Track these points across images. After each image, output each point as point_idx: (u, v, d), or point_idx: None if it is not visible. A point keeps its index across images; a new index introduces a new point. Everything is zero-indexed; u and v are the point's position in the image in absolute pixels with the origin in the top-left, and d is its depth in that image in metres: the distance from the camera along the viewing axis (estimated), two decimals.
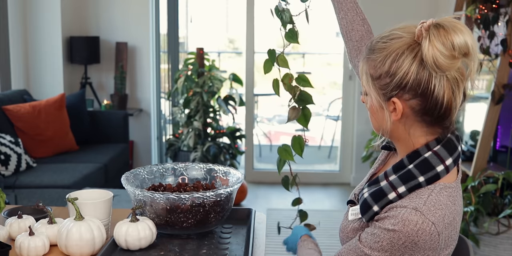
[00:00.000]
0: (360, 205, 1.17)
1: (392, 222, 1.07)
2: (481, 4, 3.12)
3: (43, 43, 4.47)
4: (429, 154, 1.13)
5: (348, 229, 1.23)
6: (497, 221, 2.84)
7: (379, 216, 1.12)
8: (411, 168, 1.13)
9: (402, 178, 1.12)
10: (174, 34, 4.89)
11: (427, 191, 1.11)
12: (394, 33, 1.11)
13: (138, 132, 4.85)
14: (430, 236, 1.06)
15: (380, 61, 1.11)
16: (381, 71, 1.11)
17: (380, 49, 1.11)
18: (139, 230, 1.29)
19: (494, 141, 3.19)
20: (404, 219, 1.06)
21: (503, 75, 3.02)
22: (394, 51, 1.09)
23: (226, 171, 1.54)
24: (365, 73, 1.14)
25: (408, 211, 1.07)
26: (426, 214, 1.06)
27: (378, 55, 1.11)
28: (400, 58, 1.08)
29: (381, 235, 1.09)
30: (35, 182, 3.39)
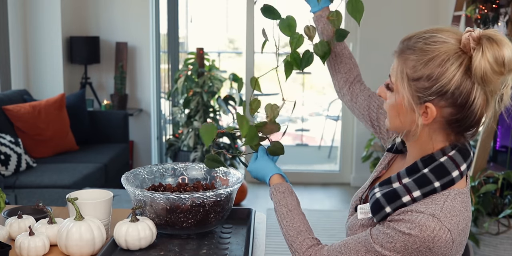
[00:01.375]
0: (372, 204, 1.16)
1: (409, 226, 1.07)
2: (481, 4, 3.12)
3: (43, 43, 4.47)
4: (444, 159, 1.12)
5: (357, 227, 1.22)
6: (497, 221, 2.84)
7: (392, 217, 1.11)
8: (426, 173, 1.12)
9: (417, 182, 1.11)
10: (174, 34, 4.89)
11: (442, 197, 1.10)
12: (438, 36, 1.07)
13: (138, 132, 4.85)
14: (446, 243, 1.06)
15: (422, 63, 1.06)
16: (421, 73, 1.06)
17: (423, 51, 1.07)
18: (139, 230, 1.29)
19: (494, 141, 3.19)
20: (422, 224, 1.05)
21: None
22: (439, 56, 1.05)
23: (226, 171, 1.54)
24: (400, 72, 1.10)
25: (425, 217, 1.06)
26: (443, 221, 1.06)
27: (420, 56, 1.07)
28: (445, 64, 1.05)
29: (395, 236, 1.08)
30: (35, 182, 3.39)
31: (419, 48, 1.07)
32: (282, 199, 1.32)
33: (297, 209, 1.31)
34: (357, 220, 1.23)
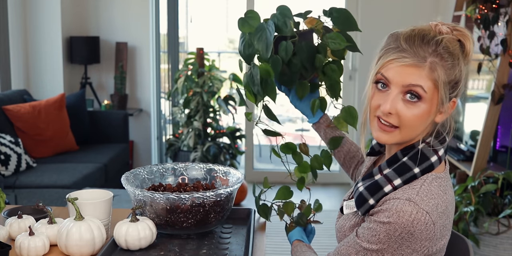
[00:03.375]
0: (356, 198, 1.18)
1: (387, 215, 1.08)
2: (481, 4, 3.12)
3: (43, 43, 4.46)
4: (423, 145, 1.15)
5: (345, 228, 1.24)
6: (497, 221, 2.84)
7: (373, 210, 1.13)
8: (405, 161, 1.15)
9: (397, 171, 1.14)
10: (174, 34, 4.89)
11: (419, 181, 1.13)
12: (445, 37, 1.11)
13: (138, 132, 4.85)
14: (426, 225, 1.07)
15: (452, 67, 1.10)
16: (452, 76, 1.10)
17: (450, 54, 1.10)
18: (139, 230, 1.29)
19: (494, 141, 3.19)
20: (398, 210, 1.07)
21: (503, 75, 3.02)
22: (457, 55, 1.11)
23: (226, 171, 1.54)
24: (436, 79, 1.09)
25: (401, 202, 1.08)
26: (419, 204, 1.08)
27: (450, 62, 1.10)
28: (462, 62, 1.12)
29: (377, 228, 1.09)
30: (35, 182, 3.39)
31: (448, 53, 1.10)
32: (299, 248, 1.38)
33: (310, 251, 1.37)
34: (344, 221, 1.24)
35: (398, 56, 1.09)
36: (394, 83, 1.10)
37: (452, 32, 1.12)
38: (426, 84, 1.08)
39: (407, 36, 1.11)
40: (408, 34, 1.12)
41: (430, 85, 1.08)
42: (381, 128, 1.14)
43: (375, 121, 1.15)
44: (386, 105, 1.10)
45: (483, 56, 3.12)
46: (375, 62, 1.15)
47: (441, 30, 1.12)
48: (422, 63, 1.08)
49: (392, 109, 1.10)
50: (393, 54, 1.10)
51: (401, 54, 1.09)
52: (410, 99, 1.09)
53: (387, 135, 1.14)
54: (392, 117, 1.11)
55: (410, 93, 1.09)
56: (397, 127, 1.12)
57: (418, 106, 1.10)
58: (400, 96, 1.10)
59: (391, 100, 1.10)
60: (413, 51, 1.08)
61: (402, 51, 1.09)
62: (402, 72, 1.09)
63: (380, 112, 1.12)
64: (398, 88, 1.10)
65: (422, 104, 1.10)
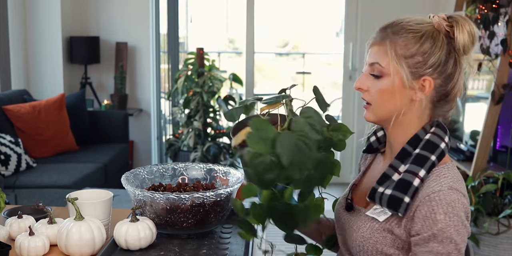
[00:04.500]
0: (388, 202, 1.15)
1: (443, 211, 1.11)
2: (481, 4, 3.12)
3: (43, 43, 4.47)
4: (429, 136, 1.20)
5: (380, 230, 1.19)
6: (497, 221, 2.84)
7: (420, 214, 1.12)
8: (419, 152, 1.18)
9: (417, 163, 1.16)
10: (174, 34, 4.89)
11: (443, 170, 1.18)
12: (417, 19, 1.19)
13: (138, 132, 4.85)
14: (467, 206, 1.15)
15: (414, 41, 1.16)
16: (415, 50, 1.16)
17: (413, 30, 1.16)
18: (139, 230, 1.29)
19: (494, 141, 3.19)
20: (448, 201, 1.11)
21: (503, 75, 3.02)
22: (429, 33, 1.17)
23: (226, 171, 1.53)
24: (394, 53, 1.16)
25: (445, 191, 1.13)
26: (460, 190, 1.15)
27: (411, 35, 1.16)
28: (435, 40, 1.17)
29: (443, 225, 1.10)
30: (35, 182, 3.39)
31: (407, 29, 1.17)
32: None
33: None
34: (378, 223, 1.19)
35: (370, 40, 1.22)
36: (366, 64, 1.22)
37: (447, 19, 1.18)
38: (385, 60, 1.17)
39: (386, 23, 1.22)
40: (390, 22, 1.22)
41: (389, 61, 1.16)
42: (363, 107, 1.24)
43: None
44: (355, 83, 1.23)
45: (483, 56, 3.12)
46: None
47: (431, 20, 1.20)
48: (383, 41, 1.18)
49: (361, 85, 1.21)
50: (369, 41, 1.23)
51: (372, 37, 1.21)
52: (373, 75, 1.19)
53: (367, 112, 1.23)
54: (365, 94, 1.21)
55: (372, 70, 1.19)
56: (370, 103, 1.21)
57: (381, 81, 1.18)
58: (368, 72, 1.20)
59: (361, 78, 1.21)
60: (380, 32, 1.20)
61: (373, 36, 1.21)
62: (370, 52, 1.20)
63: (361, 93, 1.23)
64: (368, 67, 1.21)
65: (385, 78, 1.18)
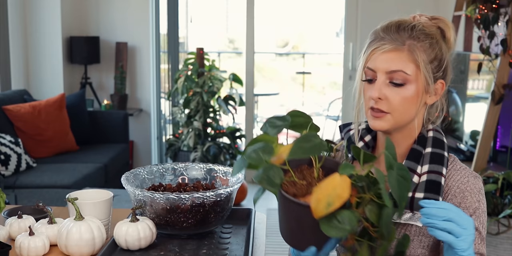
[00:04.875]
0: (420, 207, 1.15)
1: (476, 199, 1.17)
2: (481, 4, 3.12)
3: (43, 43, 4.47)
4: (432, 133, 1.23)
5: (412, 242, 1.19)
6: (497, 221, 2.84)
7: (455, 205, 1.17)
8: (433, 151, 1.20)
9: (437, 162, 1.19)
10: (174, 34, 4.89)
11: (456, 163, 1.22)
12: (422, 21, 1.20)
13: (138, 132, 4.85)
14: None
15: (431, 46, 1.16)
16: (434, 55, 1.16)
17: (426, 35, 1.16)
18: (139, 230, 1.29)
19: (494, 141, 3.19)
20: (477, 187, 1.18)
21: (503, 75, 3.02)
22: (438, 36, 1.18)
23: (226, 171, 1.53)
24: (416, 59, 1.14)
25: (472, 180, 1.19)
26: (475, 172, 1.22)
27: (429, 40, 1.16)
28: (442, 44, 1.18)
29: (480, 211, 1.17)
30: (35, 182, 3.39)
31: (423, 33, 1.16)
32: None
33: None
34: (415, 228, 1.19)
35: (378, 44, 1.16)
36: (379, 71, 1.15)
37: (431, 21, 1.21)
38: (408, 66, 1.14)
39: (384, 26, 1.18)
40: (386, 24, 1.19)
41: (413, 67, 1.14)
42: (374, 116, 1.18)
43: (369, 112, 1.19)
44: (375, 92, 1.15)
45: (483, 56, 3.12)
46: (360, 59, 1.22)
47: (420, 20, 1.21)
48: (401, 47, 1.14)
49: (381, 95, 1.15)
50: (373, 44, 1.17)
51: (380, 42, 1.16)
52: (395, 83, 1.15)
53: (380, 121, 1.18)
54: (382, 103, 1.16)
55: (395, 78, 1.15)
56: (389, 113, 1.17)
57: (405, 88, 1.15)
58: (386, 82, 1.15)
59: (379, 87, 1.15)
60: (390, 37, 1.15)
61: (381, 40, 1.16)
62: (384, 59, 1.15)
63: (372, 101, 1.17)
64: (384, 75, 1.15)
65: (409, 86, 1.15)
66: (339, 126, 1.39)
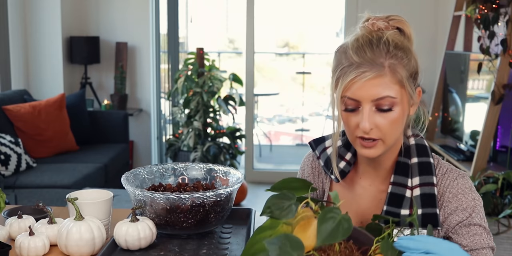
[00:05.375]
0: (423, 222, 1.14)
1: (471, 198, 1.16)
2: (481, 4, 3.12)
3: (43, 43, 4.47)
4: (412, 140, 1.21)
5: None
6: (497, 221, 2.84)
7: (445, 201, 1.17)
8: (419, 161, 1.18)
9: (425, 172, 1.17)
10: (174, 34, 4.89)
11: (439, 163, 1.21)
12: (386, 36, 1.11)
13: (138, 132, 4.85)
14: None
15: (407, 59, 1.10)
16: (411, 68, 1.11)
17: (401, 49, 1.10)
18: (139, 230, 1.29)
19: (494, 141, 3.19)
20: (468, 186, 1.17)
21: (503, 75, 3.02)
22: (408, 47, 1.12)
23: (226, 171, 1.53)
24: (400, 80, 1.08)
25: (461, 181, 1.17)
26: (460, 171, 1.20)
27: (404, 55, 1.10)
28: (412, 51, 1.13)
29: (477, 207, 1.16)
30: (35, 182, 3.39)
31: (399, 48, 1.10)
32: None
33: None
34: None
35: (357, 73, 1.07)
36: (363, 100, 1.08)
37: (389, 23, 1.14)
38: (393, 89, 1.08)
39: (355, 49, 1.09)
40: (356, 46, 1.09)
41: (397, 88, 1.08)
42: (365, 146, 1.12)
43: (357, 141, 1.13)
44: (365, 124, 1.08)
45: (483, 56, 3.12)
46: (333, 84, 1.13)
47: (380, 27, 1.14)
48: (382, 71, 1.07)
49: (372, 124, 1.09)
50: (351, 73, 1.07)
51: (359, 70, 1.07)
52: (383, 110, 1.09)
53: (373, 150, 1.12)
54: (373, 131, 1.10)
55: (382, 105, 1.08)
56: (380, 139, 1.11)
57: (393, 111, 1.09)
58: (373, 109, 1.09)
59: (368, 117, 1.08)
60: (368, 62, 1.07)
61: (358, 67, 1.07)
62: (367, 87, 1.07)
63: (361, 132, 1.11)
64: (369, 103, 1.08)
65: (396, 107, 1.09)
66: (310, 143, 1.33)
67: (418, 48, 1.16)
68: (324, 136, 1.31)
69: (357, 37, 1.11)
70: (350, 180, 1.27)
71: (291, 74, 8.28)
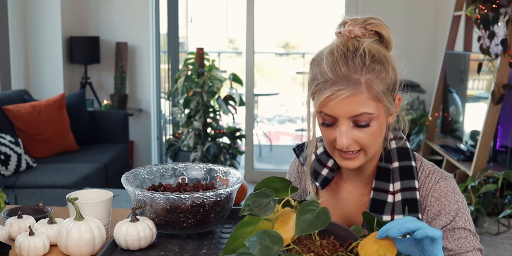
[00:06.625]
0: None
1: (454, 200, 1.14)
2: (481, 4, 3.12)
3: (43, 43, 4.47)
4: (394, 143, 1.18)
5: None
6: (497, 221, 2.84)
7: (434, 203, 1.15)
8: (400, 165, 1.17)
9: (407, 177, 1.15)
10: (174, 34, 4.89)
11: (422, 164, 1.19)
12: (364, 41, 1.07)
13: (138, 132, 4.85)
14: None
15: (385, 70, 1.07)
16: (388, 79, 1.08)
17: (378, 61, 1.06)
18: (139, 230, 1.29)
19: (494, 141, 3.19)
20: (450, 189, 1.15)
21: (503, 75, 3.02)
22: (385, 57, 1.08)
23: (226, 171, 1.53)
24: (377, 94, 1.05)
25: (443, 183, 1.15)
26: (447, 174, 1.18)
27: (381, 67, 1.06)
28: (390, 60, 1.09)
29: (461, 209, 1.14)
30: (35, 182, 3.39)
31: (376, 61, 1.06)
32: None
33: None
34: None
35: (332, 91, 1.04)
36: (340, 117, 1.07)
37: (366, 28, 1.09)
38: (370, 105, 1.06)
39: (330, 64, 1.05)
40: (331, 61, 1.06)
41: (374, 104, 1.06)
42: (346, 158, 1.11)
43: (336, 152, 1.12)
44: (343, 140, 1.07)
45: (483, 56, 3.12)
46: (309, 97, 1.12)
47: (357, 34, 1.09)
48: (359, 89, 1.04)
49: (350, 140, 1.08)
50: (326, 90, 1.05)
51: (334, 88, 1.04)
52: (361, 125, 1.07)
53: (354, 161, 1.12)
54: (351, 145, 1.09)
55: (360, 121, 1.07)
56: (360, 150, 1.10)
57: (371, 126, 1.08)
58: (350, 125, 1.07)
59: (345, 134, 1.07)
60: (344, 80, 1.04)
61: (334, 84, 1.04)
62: (343, 104, 1.05)
63: (339, 146, 1.09)
64: (346, 120, 1.07)
65: (373, 122, 1.07)
66: (293, 149, 1.32)
67: (418, 48, 1.14)
68: (305, 142, 1.29)
69: (332, 49, 1.08)
70: (335, 185, 1.26)
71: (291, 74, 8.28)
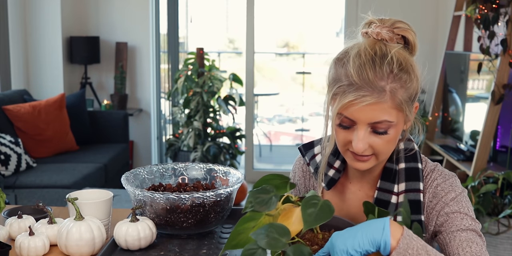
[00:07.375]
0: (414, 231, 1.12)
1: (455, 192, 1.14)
2: (481, 4, 3.12)
3: (43, 43, 4.47)
4: (403, 143, 1.19)
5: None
6: (497, 221, 2.84)
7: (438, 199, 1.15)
8: (406, 166, 1.17)
9: (412, 178, 1.16)
10: (174, 34, 4.89)
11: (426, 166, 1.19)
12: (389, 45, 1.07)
13: (138, 132, 4.85)
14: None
15: (410, 81, 1.06)
16: (412, 89, 1.07)
17: (404, 71, 1.05)
18: (139, 230, 1.29)
19: (494, 141, 3.19)
20: (451, 182, 1.16)
21: (503, 75, 3.02)
22: (411, 65, 1.07)
23: (226, 171, 1.53)
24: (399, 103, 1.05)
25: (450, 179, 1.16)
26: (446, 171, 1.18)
27: (407, 78, 1.06)
28: (416, 67, 1.08)
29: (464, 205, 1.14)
30: (35, 182, 3.39)
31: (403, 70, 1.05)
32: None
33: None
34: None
35: (356, 96, 1.03)
36: (360, 122, 1.06)
37: (394, 32, 1.09)
38: (391, 114, 1.05)
39: (357, 68, 1.04)
40: (357, 64, 1.04)
41: (395, 112, 1.06)
42: (358, 159, 1.11)
43: (349, 153, 1.12)
44: (359, 145, 1.07)
45: (483, 56, 3.12)
46: (330, 97, 1.09)
47: (384, 37, 1.08)
48: (382, 97, 1.03)
49: (366, 146, 1.07)
50: (350, 93, 1.03)
51: (359, 93, 1.03)
52: (379, 132, 1.07)
53: (365, 163, 1.12)
54: (366, 150, 1.09)
55: (379, 128, 1.06)
56: (373, 154, 1.11)
57: (389, 133, 1.07)
58: (368, 130, 1.07)
59: (362, 139, 1.07)
60: (369, 86, 1.03)
61: (358, 89, 1.03)
62: (365, 110, 1.04)
63: (353, 150, 1.09)
64: (365, 125, 1.06)
65: (391, 129, 1.07)
66: (299, 148, 1.32)
67: (418, 48, 1.13)
68: (313, 141, 1.30)
69: (359, 51, 1.06)
70: (340, 185, 1.26)
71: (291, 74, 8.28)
